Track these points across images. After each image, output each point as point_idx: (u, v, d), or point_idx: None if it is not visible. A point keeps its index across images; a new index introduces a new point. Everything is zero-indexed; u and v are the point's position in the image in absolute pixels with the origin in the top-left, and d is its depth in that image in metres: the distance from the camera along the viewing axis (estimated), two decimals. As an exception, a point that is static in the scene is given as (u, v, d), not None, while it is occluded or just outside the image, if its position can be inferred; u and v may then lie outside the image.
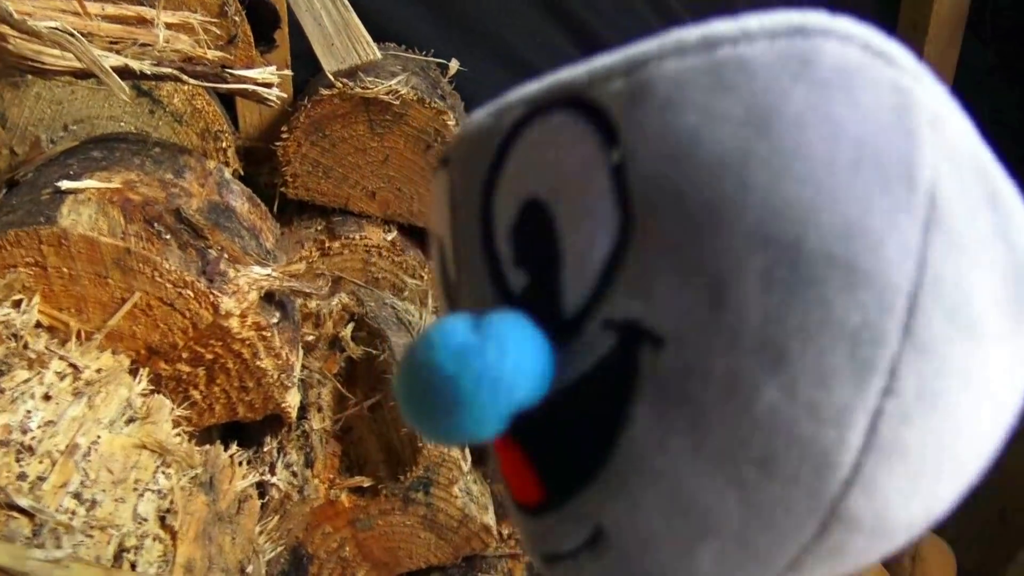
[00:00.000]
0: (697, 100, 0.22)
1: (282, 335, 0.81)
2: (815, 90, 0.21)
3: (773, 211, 0.21)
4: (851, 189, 0.21)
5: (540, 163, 0.24)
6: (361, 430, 0.93)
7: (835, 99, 0.21)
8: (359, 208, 1.19)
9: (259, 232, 0.98)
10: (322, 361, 1.01)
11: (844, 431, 0.22)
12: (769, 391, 0.22)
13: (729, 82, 0.22)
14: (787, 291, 0.21)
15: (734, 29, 0.22)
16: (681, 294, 0.22)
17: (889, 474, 0.23)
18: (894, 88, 0.22)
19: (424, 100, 1.13)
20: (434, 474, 0.83)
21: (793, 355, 0.21)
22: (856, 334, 0.21)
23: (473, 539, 0.87)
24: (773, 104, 0.21)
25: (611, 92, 0.23)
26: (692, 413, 0.22)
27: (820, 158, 0.21)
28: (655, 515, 0.24)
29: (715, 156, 0.21)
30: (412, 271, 1.19)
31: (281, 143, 1.14)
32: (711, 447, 0.22)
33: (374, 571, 0.86)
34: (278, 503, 0.80)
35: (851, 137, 0.21)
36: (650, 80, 0.22)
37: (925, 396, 0.22)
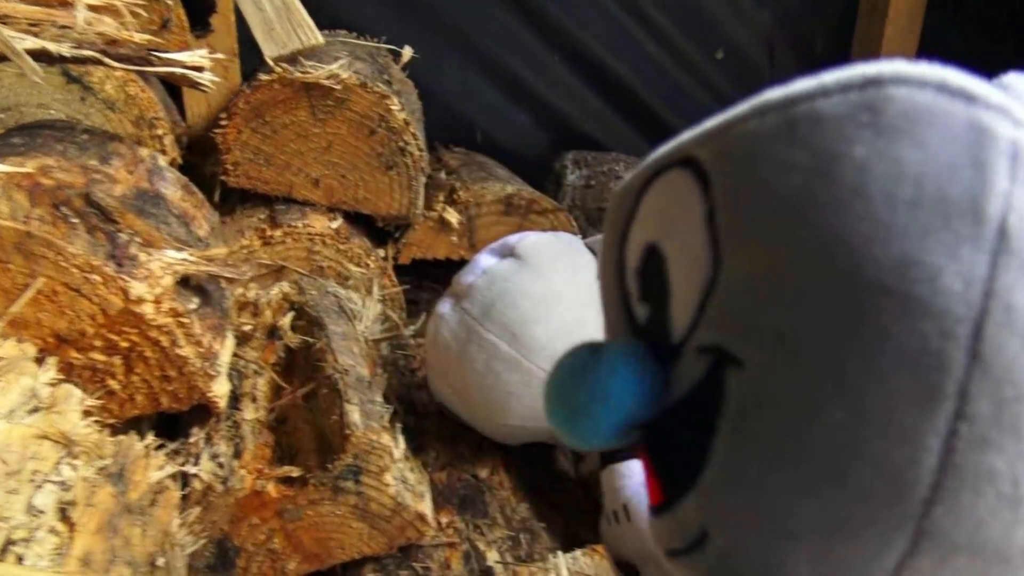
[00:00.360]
0: (771, 154, 0.24)
1: (203, 322, 0.79)
2: (881, 135, 0.23)
3: (831, 246, 0.23)
4: (908, 225, 0.23)
5: (657, 213, 0.28)
6: (296, 420, 0.91)
7: (900, 142, 0.23)
8: (303, 196, 1.17)
9: (191, 220, 0.96)
10: (259, 351, 0.99)
11: (916, 451, 0.24)
12: (836, 411, 0.24)
13: (801, 136, 0.24)
14: (847, 320, 0.23)
15: (812, 86, 0.25)
16: (756, 322, 0.25)
17: (977, 495, 0.24)
18: (970, 126, 0.23)
19: (366, 85, 1.11)
20: (364, 462, 0.81)
21: (855, 379, 0.23)
22: (917, 360, 0.23)
23: (408, 528, 0.85)
24: (838, 150, 0.23)
25: (710, 150, 0.27)
26: (766, 427, 0.25)
27: (879, 197, 0.23)
28: (744, 519, 0.26)
29: (782, 201, 0.24)
30: (357, 259, 1.17)
31: (220, 130, 1.11)
32: (783, 459, 0.25)
33: (305, 563, 0.84)
34: (200, 494, 0.78)
35: (912, 176, 0.23)
36: (735, 139, 0.26)
37: (1004, 420, 0.23)
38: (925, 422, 0.23)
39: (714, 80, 1.75)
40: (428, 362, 0.98)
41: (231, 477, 0.80)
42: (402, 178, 1.17)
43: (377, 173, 1.17)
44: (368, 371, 0.94)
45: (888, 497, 0.24)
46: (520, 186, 1.30)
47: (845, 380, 0.23)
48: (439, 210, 1.24)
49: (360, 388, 0.88)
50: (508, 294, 0.91)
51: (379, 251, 1.21)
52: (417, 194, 1.20)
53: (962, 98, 0.24)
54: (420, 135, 1.18)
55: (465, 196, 1.25)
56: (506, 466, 1.01)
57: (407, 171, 1.17)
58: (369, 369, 0.95)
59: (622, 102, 1.72)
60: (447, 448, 1.02)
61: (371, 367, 0.97)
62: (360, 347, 0.98)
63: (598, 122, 1.72)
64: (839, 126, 0.24)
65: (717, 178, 0.26)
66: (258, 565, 0.83)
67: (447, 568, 0.86)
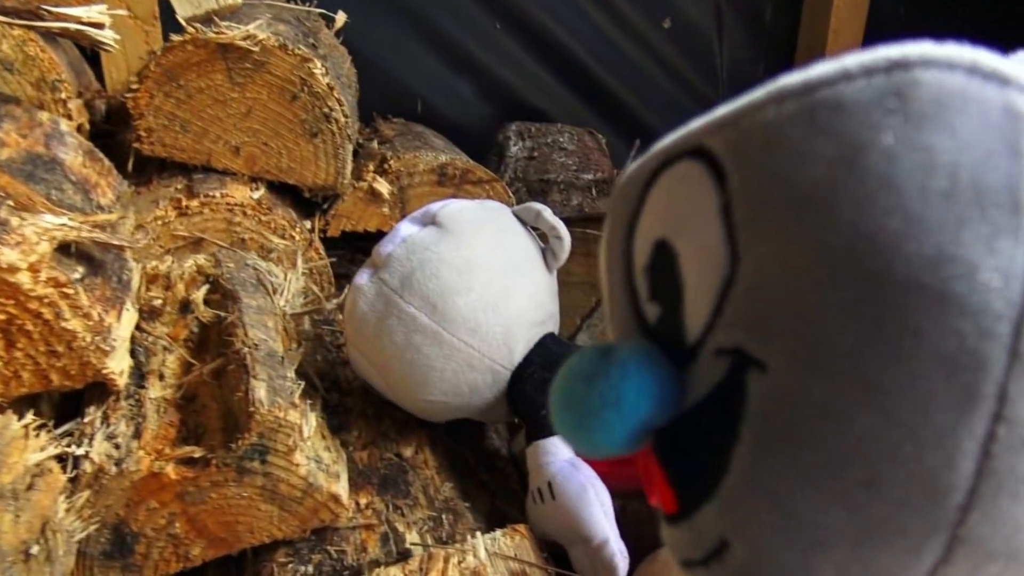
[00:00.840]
0: (791, 144, 0.23)
1: (92, 293, 0.74)
2: (910, 122, 0.22)
3: (859, 242, 0.21)
4: (942, 218, 0.21)
5: (667, 206, 0.27)
6: (205, 398, 0.86)
7: (930, 129, 0.21)
8: (223, 165, 1.11)
9: (93, 187, 0.90)
10: (170, 326, 0.94)
11: (952, 455, 0.22)
12: (866, 414, 0.22)
13: (823, 123, 0.22)
14: (875, 319, 0.22)
15: (833, 70, 0.23)
16: (780, 323, 0.23)
17: (1015, 501, 0.23)
18: (1005, 110, 0.22)
19: (287, 47, 1.05)
20: (270, 441, 0.77)
21: (887, 381, 0.22)
22: (952, 360, 0.21)
23: (321, 510, 0.81)
24: (864, 139, 0.22)
25: (722, 139, 0.25)
26: (792, 433, 0.24)
27: (910, 189, 0.21)
28: (768, 527, 0.25)
29: (805, 193, 0.22)
30: (281, 231, 1.12)
31: (131, 95, 1.05)
32: (812, 466, 0.24)
33: (211, 548, 0.80)
34: (91, 477, 0.73)
35: (945, 166, 0.21)
36: (752, 128, 0.24)
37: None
38: (961, 425, 0.22)
39: (661, 49, 1.71)
40: (347, 336, 0.93)
41: (127, 459, 0.75)
42: (328, 146, 1.12)
43: (301, 141, 1.11)
44: (282, 346, 0.89)
45: (922, 504, 0.23)
46: (455, 155, 1.26)
47: (876, 383, 0.22)
48: (369, 180, 1.19)
49: (270, 364, 0.83)
50: (428, 264, 0.86)
51: (305, 223, 1.16)
52: (344, 163, 1.14)
53: (995, 81, 0.22)
54: (346, 101, 1.12)
55: (396, 165, 1.20)
56: (432, 445, 0.97)
57: (333, 139, 1.12)
58: (284, 344, 0.90)
59: (567, 72, 1.68)
60: (371, 426, 0.98)
61: (286, 342, 0.92)
62: (276, 321, 0.93)
63: (542, 92, 1.67)
64: (864, 113, 0.22)
65: (733, 170, 0.25)
66: (159, 551, 0.78)
67: (363, 551, 0.82)
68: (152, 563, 0.78)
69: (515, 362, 0.89)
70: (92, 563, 0.76)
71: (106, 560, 0.76)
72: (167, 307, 0.95)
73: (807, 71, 0.24)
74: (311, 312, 1.05)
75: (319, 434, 0.86)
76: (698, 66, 1.76)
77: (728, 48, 1.78)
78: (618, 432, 0.26)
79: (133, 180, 1.10)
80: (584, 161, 1.47)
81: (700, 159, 0.26)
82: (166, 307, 0.95)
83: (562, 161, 1.46)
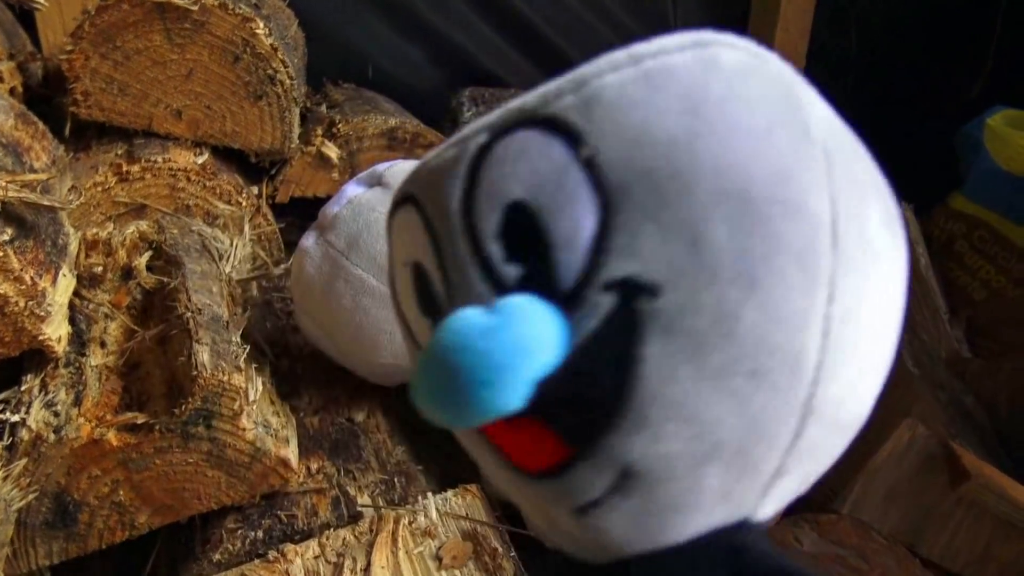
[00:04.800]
0: (639, 100, 0.27)
1: (23, 256, 0.72)
2: (725, 81, 0.27)
3: (723, 171, 0.26)
4: (772, 147, 0.27)
5: (513, 173, 0.28)
6: (149, 365, 0.85)
7: (742, 85, 0.27)
8: (165, 129, 1.08)
9: (26, 150, 0.87)
10: (111, 293, 0.92)
11: (806, 335, 0.27)
12: (749, 312, 0.26)
13: (659, 83, 0.27)
14: (748, 229, 0.26)
15: (653, 47, 0.28)
16: (666, 248, 0.26)
17: (845, 367, 0.28)
18: (775, 77, 0.29)
19: (227, 6, 1.03)
20: (215, 405, 0.75)
21: (761, 278, 0.26)
22: (802, 254, 0.27)
23: (270, 475, 0.80)
24: (699, 95, 0.27)
25: (566, 106, 0.28)
26: (692, 343, 0.27)
27: (744, 128, 0.27)
28: (673, 441, 0.27)
29: (668, 138, 0.27)
30: (227, 197, 1.09)
31: (66, 56, 1.02)
32: (711, 368, 0.27)
33: (157, 516, 0.78)
34: (29, 445, 0.71)
35: (761, 111, 0.27)
36: (596, 90, 0.28)
37: (858, 299, 0.28)
38: (811, 309, 0.27)
39: (615, 13, 1.70)
40: (295, 301, 0.92)
41: (66, 426, 0.74)
42: (273, 109, 1.10)
43: (245, 104, 1.09)
44: (227, 312, 0.88)
45: (790, 384, 0.27)
46: (405, 119, 1.24)
47: (753, 282, 0.26)
48: (317, 144, 1.17)
49: (214, 328, 0.82)
50: (375, 224, 0.85)
51: (253, 188, 1.14)
52: (291, 127, 1.12)
53: (762, 59, 0.29)
54: (291, 63, 1.10)
55: (345, 129, 1.18)
56: (384, 409, 0.97)
57: (278, 101, 1.10)
58: (229, 310, 0.89)
59: (521, 36, 1.66)
60: (321, 392, 0.96)
61: (232, 308, 0.91)
62: (220, 287, 0.91)
63: (496, 57, 1.65)
64: (689, 75, 0.27)
65: (587, 127, 0.27)
66: (103, 520, 0.76)
67: (314, 515, 0.81)
68: (96, 532, 0.77)
69: (465, 323, 0.89)
70: (34, 533, 0.74)
71: (48, 530, 0.75)
72: (108, 274, 0.93)
73: (628, 48, 0.28)
74: (258, 278, 1.04)
75: (267, 399, 0.85)
76: (652, 31, 1.74)
77: (682, 14, 1.78)
78: (522, 384, 0.26)
79: (71, 146, 1.07)
80: (538, 126, 1.46)
81: (540, 126, 0.28)
82: (107, 274, 0.93)
83: (516, 126, 1.45)
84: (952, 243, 1.63)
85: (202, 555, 0.78)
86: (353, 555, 0.72)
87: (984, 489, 1.08)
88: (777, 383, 0.27)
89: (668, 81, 0.27)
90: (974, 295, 1.59)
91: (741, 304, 0.26)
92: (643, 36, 0.28)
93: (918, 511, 1.13)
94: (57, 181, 0.87)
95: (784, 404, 0.28)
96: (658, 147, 0.26)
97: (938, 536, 1.11)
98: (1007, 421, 1.37)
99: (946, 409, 1.28)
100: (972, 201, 1.61)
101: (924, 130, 1.84)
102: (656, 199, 0.26)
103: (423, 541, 0.74)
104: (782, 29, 1.75)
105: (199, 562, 0.77)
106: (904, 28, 1.90)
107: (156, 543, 0.86)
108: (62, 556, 0.76)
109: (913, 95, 1.93)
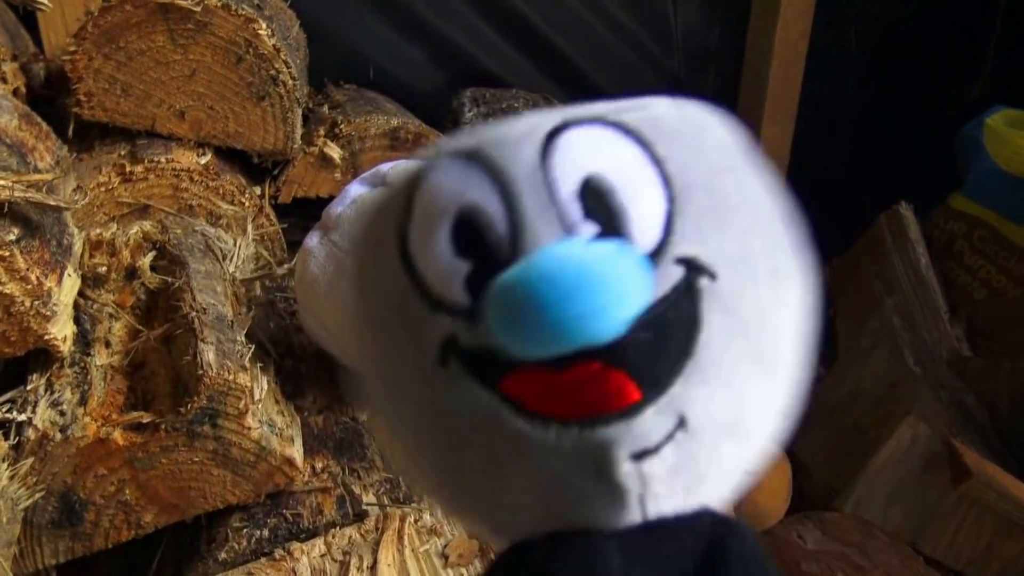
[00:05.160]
0: (689, 133, 0.33)
1: (29, 256, 0.72)
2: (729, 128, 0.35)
3: (757, 201, 0.33)
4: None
5: (595, 151, 0.31)
6: (154, 364, 0.85)
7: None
8: (168, 130, 1.08)
9: (30, 151, 0.87)
10: (116, 293, 0.92)
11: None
12: (775, 309, 0.32)
13: (702, 124, 0.34)
14: (776, 244, 0.33)
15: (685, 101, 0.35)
16: (721, 245, 0.31)
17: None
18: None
19: (230, 7, 1.03)
20: (220, 404, 0.76)
21: (784, 289, 0.32)
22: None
23: (275, 474, 0.80)
24: (731, 140, 0.35)
25: (635, 118, 0.32)
26: (742, 324, 0.31)
27: (763, 168, 0.34)
28: (719, 405, 0.30)
29: (718, 167, 0.32)
30: (230, 197, 1.10)
31: (69, 57, 1.02)
32: (752, 350, 0.31)
33: (163, 515, 0.79)
34: (35, 444, 0.72)
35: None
36: (658, 115, 0.33)
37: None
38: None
39: (616, 14, 1.70)
40: (299, 300, 0.92)
41: (72, 425, 0.74)
42: (276, 110, 1.10)
43: (248, 104, 1.09)
44: (231, 311, 0.88)
45: (777, 356, 0.33)
46: (407, 119, 1.24)
47: (780, 292, 0.32)
48: (320, 145, 1.17)
49: (219, 327, 0.82)
50: (379, 224, 0.85)
51: (255, 189, 1.14)
52: (293, 127, 1.12)
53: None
54: (294, 64, 1.10)
55: (347, 130, 1.18)
56: (388, 408, 0.97)
57: (281, 102, 1.10)
58: (233, 309, 0.89)
59: (522, 37, 1.66)
60: (326, 391, 0.97)
61: (236, 307, 0.91)
62: (224, 287, 0.92)
63: (497, 58, 1.66)
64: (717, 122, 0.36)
65: (654, 138, 0.32)
66: (109, 519, 0.77)
67: (319, 513, 0.82)
68: (103, 531, 0.77)
69: (469, 322, 0.89)
70: (40, 532, 0.74)
71: (55, 529, 0.75)
72: (112, 274, 0.93)
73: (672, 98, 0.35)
74: (262, 278, 1.04)
75: (272, 398, 0.85)
76: (653, 31, 1.75)
77: (682, 13, 1.78)
78: (624, 316, 0.28)
79: (75, 146, 1.07)
80: (539, 126, 1.46)
81: (611, 127, 0.32)
82: (111, 274, 0.93)
83: (517, 126, 1.45)
84: (952, 243, 1.63)
85: (208, 554, 0.78)
86: (359, 553, 0.72)
87: (986, 487, 1.08)
88: (783, 378, 0.32)
89: (705, 124, 0.34)
90: (974, 295, 1.59)
91: (768, 296, 0.31)
92: (644, 36, 0.30)
93: (920, 509, 1.13)
94: (61, 181, 0.87)
95: (779, 399, 0.32)
96: (711, 170, 0.32)
97: (940, 534, 1.12)
98: (1008, 420, 1.38)
99: (947, 408, 1.29)
100: (972, 201, 1.61)
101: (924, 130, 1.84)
102: (712, 207, 0.31)
103: (429, 539, 0.74)
104: (782, 29, 1.75)
105: (205, 561, 0.78)
106: (904, 28, 1.91)
107: (162, 542, 0.87)
108: (68, 555, 0.76)
109: (913, 96, 1.93)
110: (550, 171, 0.30)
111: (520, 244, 0.30)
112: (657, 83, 1.80)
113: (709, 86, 1.87)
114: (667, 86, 1.82)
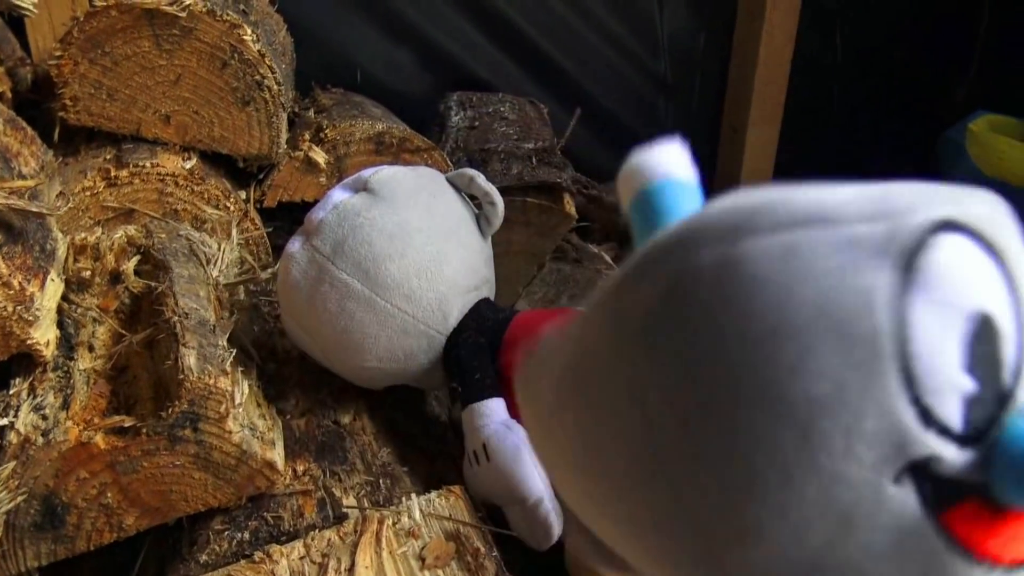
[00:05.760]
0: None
1: (12, 261, 0.73)
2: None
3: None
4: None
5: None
6: (136, 369, 0.86)
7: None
8: (153, 134, 1.09)
9: (15, 156, 0.88)
10: (100, 298, 0.93)
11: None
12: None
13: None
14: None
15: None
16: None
17: None
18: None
19: (215, 12, 1.04)
20: (201, 409, 0.76)
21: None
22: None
23: (256, 477, 0.81)
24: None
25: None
26: None
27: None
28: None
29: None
30: (215, 201, 1.10)
31: (55, 62, 1.03)
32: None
33: (145, 517, 0.79)
34: (17, 448, 0.72)
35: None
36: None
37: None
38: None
39: (602, 19, 1.71)
40: (281, 305, 0.93)
41: (54, 429, 0.75)
42: (261, 114, 1.11)
43: (233, 109, 1.10)
44: (214, 315, 0.89)
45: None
46: (392, 123, 1.25)
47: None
48: (305, 149, 1.18)
49: (201, 332, 0.83)
50: (360, 230, 0.86)
51: (240, 193, 1.15)
52: (278, 132, 1.13)
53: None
54: (279, 69, 1.11)
55: (332, 134, 1.19)
56: (370, 411, 0.98)
57: (266, 107, 1.11)
58: (216, 313, 0.90)
59: (508, 41, 1.67)
60: (308, 395, 0.98)
61: (219, 311, 0.92)
62: (208, 291, 0.92)
63: (484, 62, 1.67)
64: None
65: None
66: (91, 521, 0.77)
67: (300, 516, 0.83)
68: (85, 534, 0.78)
69: (450, 327, 0.90)
70: (22, 535, 0.75)
71: (37, 532, 0.76)
72: (96, 278, 0.94)
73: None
74: (245, 282, 1.05)
75: (253, 402, 0.86)
76: (639, 36, 1.77)
77: (668, 18, 1.79)
78: None
79: (60, 151, 1.08)
80: (525, 131, 1.47)
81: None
82: (95, 278, 0.94)
83: (503, 131, 1.45)
84: (934, 246, 1.64)
85: (189, 556, 0.79)
86: (338, 556, 0.73)
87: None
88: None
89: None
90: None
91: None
92: (630, 41, 0.27)
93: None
94: (46, 186, 0.88)
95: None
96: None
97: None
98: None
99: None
100: (954, 205, 1.63)
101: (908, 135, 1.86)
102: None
103: (407, 541, 0.75)
104: (767, 34, 1.76)
105: (186, 563, 0.78)
106: (889, 33, 1.92)
107: (144, 544, 0.87)
108: (51, 558, 0.77)
109: (898, 100, 1.95)
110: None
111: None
112: (643, 87, 1.82)
113: (695, 90, 1.88)
114: (653, 90, 1.83)
